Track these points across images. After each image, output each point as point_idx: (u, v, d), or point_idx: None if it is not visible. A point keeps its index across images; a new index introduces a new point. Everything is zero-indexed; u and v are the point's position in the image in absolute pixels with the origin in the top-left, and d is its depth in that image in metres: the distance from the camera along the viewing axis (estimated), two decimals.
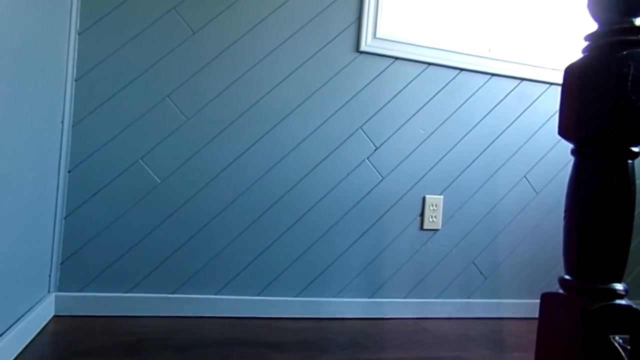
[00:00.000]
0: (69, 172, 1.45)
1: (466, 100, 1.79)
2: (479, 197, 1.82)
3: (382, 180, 1.71)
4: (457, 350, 1.44)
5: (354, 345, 1.40)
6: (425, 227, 1.76)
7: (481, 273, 1.84)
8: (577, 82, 0.60)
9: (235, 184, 1.58)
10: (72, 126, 1.45)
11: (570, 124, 0.61)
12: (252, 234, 1.60)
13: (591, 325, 0.54)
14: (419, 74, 1.74)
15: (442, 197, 1.77)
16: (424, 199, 1.75)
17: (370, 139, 1.69)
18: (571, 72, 0.61)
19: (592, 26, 0.64)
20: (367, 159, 1.69)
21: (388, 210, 1.72)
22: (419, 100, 1.74)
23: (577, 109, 0.60)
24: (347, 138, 1.67)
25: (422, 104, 1.74)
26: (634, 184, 0.57)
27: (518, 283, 1.88)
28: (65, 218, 1.45)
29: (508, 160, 1.85)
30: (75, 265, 1.46)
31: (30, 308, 1.26)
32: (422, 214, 1.76)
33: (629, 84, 0.54)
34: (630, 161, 0.57)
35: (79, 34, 1.44)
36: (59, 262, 1.45)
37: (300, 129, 1.63)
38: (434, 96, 1.76)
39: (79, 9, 1.44)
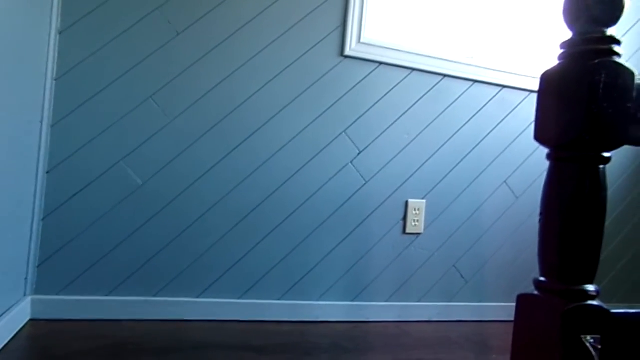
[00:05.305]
0: (47, 172, 1.43)
1: (449, 106, 1.82)
2: (460, 201, 1.84)
3: (365, 184, 1.72)
4: (437, 352, 1.45)
5: (336, 348, 1.41)
6: (407, 231, 1.77)
7: (462, 277, 1.86)
8: (552, 88, 0.62)
9: (218, 187, 1.57)
10: (51, 126, 1.43)
11: (546, 129, 0.63)
12: (234, 237, 1.59)
13: (564, 326, 0.56)
14: (403, 79, 1.76)
15: (424, 201, 1.79)
16: (406, 203, 1.77)
17: (354, 143, 1.70)
18: (547, 79, 0.63)
19: (568, 34, 0.66)
20: (351, 162, 1.70)
21: (371, 214, 1.73)
22: (402, 105, 1.76)
23: (551, 115, 0.61)
24: (331, 142, 1.68)
25: (405, 109, 1.77)
26: (605, 188, 0.59)
27: (498, 286, 1.91)
28: (43, 220, 1.43)
29: (489, 165, 1.88)
30: (53, 267, 1.43)
31: (5, 311, 1.23)
32: (404, 218, 1.77)
33: (601, 91, 0.56)
34: (601, 166, 0.59)
35: (60, 33, 1.42)
36: (36, 264, 1.42)
37: (284, 132, 1.63)
38: (418, 101, 1.78)
39: (60, 8, 1.42)
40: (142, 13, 1.48)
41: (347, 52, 1.67)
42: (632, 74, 0.57)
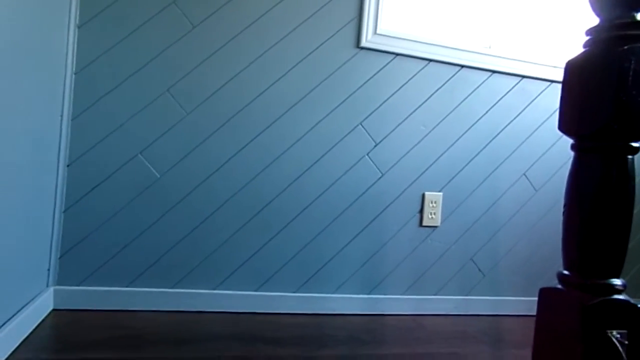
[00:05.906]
0: (68, 165, 1.45)
1: (467, 97, 1.79)
2: (478, 194, 1.82)
3: (381, 176, 1.71)
4: (454, 346, 1.44)
5: (352, 340, 1.41)
6: (424, 223, 1.76)
7: (480, 270, 1.84)
8: (578, 76, 0.60)
9: (234, 179, 1.58)
10: (72, 120, 1.45)
11: (571, 118, 0.61)
12: (251, 229, 1.59)
13: (589, 320, 0.54)
14: (420, 70, 1.73)
15: (441, 194, 1.77)
16: (423, 195, 1.75)
17: (370, 135, 1.69)
18: (572, 67, 0.61)
19: (594, 21, 0.64)
20: (367, 154, 1.69)
21: (387, 206, 1.72)
22: (419, 97, 1.74)
23: (577, 104, 0.60)
24: (348, 134, 1.67)
25: (422, 101, 1.74)
26: (633, 179, 0.57)
27: (516, 280, 1.88)
28: (64, 212, 1.45)
29: (508, 157, 1.85)
30: (74, 259, 1.46)
31: (29, 302, 1.26)
32: (421, 211, 1.76)
33: (630, 78, 0.54)
34: (630, 157, 0.57)
35: (79, 27, 1.44)
36: (58, 256, 1.45)
37: (301, 124, 1.62)
38: (435, 93, 1.75)
39: (78, 3, 1.43)
40: (159, 6, 1.49)
41: (363, 43, 1.65)
42: None
